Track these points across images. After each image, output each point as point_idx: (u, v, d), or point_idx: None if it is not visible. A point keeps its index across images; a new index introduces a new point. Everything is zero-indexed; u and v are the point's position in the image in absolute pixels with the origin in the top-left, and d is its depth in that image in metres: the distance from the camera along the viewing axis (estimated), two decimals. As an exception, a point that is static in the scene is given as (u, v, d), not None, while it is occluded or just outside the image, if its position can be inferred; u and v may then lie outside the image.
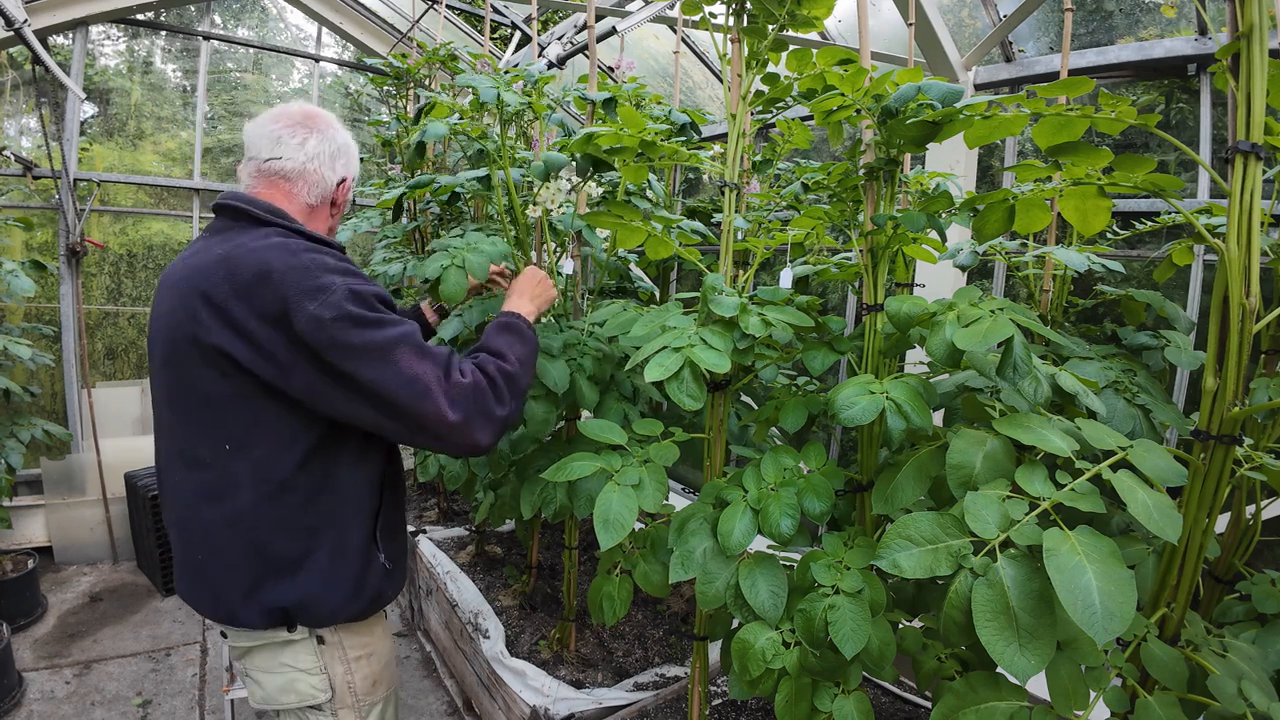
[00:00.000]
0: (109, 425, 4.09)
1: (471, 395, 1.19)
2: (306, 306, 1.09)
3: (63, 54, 3.96)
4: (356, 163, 1.41)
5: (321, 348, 1.10)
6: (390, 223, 3.42)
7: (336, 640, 1.30)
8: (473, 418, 1.18)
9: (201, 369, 1.15)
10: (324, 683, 1.29)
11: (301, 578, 1.21)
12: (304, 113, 1.32)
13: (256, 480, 1.17)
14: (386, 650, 1.41)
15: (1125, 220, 2.27)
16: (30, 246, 4.02)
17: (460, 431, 1.17)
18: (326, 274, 1.14)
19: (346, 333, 1.11)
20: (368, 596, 1.29)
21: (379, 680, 1.38)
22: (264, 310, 1.11)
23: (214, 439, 1.17)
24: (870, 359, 1.28)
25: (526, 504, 1.52)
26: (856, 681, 1.12)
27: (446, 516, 3.57)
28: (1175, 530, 0.84)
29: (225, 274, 1.13)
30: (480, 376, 1.23)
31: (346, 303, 1.12)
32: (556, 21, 5.64)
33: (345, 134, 1.38)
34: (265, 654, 1.28)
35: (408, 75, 3.21)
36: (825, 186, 1.41)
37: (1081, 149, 1.04)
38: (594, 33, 1.81)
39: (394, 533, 1.38)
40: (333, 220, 1.40)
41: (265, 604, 1.21)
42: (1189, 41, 2.35)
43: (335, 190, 1.35)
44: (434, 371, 1.16)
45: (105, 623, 3.29)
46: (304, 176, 1.30)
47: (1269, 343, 1.28)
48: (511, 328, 1.39)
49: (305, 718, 1.33)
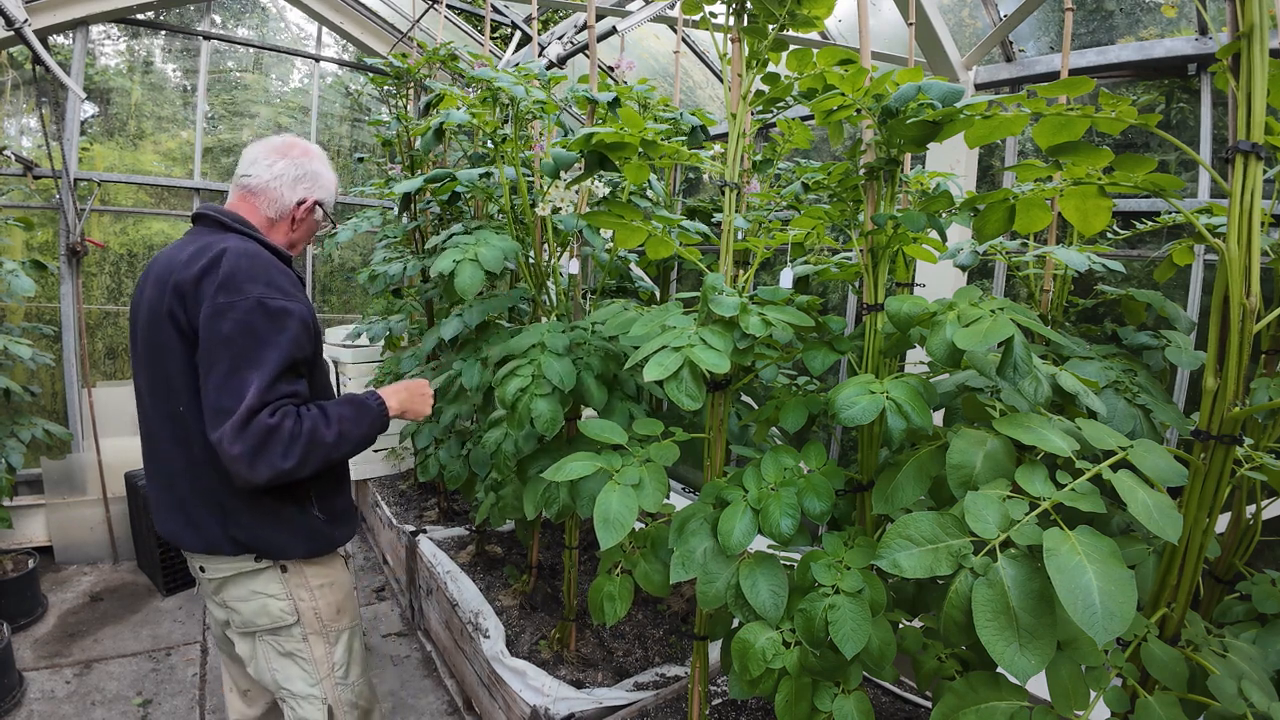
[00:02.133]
0: (109, 425, 4.09)
1: (262, 436, 1.28)
2: (218, 298, 1.31)
3: (63, 54, 3.96)
4: (326, 190, 1.60)
5: (205, 330, 1.31)
6: (396, 218, 3.42)
7: (298, 569, 1.52)
8: (251, 456, 1.27)
9: (168, 339, 1.38)
10: (290, 607, 1.51)
11: (246, 520, 1.43)
12: (285, 143, 1.56)
13: (203, 435, 1.36)
14: (347, 582, 1.64)
15: (1126, 220, 2.27)
16: (30, 246, 4.02)
17: (234, 461, 1.28)
18: (251, 282, 1.34)
19: (228, 325, 1.30)
20: (317, 541, 1.51)
21: (342, 609, 1.60)
22: (202, 294, 1.33)
23: (175, 395, 1.40)
24: (870, 359, 1.27)
25: (530, 504, 1.52)
26: (857, 681, 1.12)
27: (447, 516, 3.57)
28: (1175, 530, 0.84)
29: (186, 261, 1.38)
30: (288, 424, 1.32)
31: (249, 311, 1.31)
32: (557, 21, 5.64)
33: (320, 165, 1.59)
34: (239, 582, 1.50)
35: (408, 75, 3.21)
36: (825, 186, 1.41)
37: (1082, 149, 1.04)
38: (594, 32, 1.81)
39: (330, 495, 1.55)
40: (294, 234, 1.60)
41: (230, 535, 1.43)
42: (1189, 41, 2.35)
43: (294, 209, 1.56)
44: (255, 399, 1.28)
45: (106, 622, 3.29)
46: (265, 192, 1.52)
47: (1269, 343, 1.28)
48: (358, 403, 1.49)
49: (281, 647, 1.54)
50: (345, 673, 1.60)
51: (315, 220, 1.62)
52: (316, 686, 1.56)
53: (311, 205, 1.58)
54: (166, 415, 1.42)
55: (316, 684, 1.56)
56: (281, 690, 1.57)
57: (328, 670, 1.57)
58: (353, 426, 1.43)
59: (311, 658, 1.55)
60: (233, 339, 1.30)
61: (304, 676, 1.56)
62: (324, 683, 1.56)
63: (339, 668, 1.59)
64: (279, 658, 1.55)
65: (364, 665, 1.67)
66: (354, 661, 1.63)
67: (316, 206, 1.59)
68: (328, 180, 1.61)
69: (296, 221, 1.58)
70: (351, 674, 1.62)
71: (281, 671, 1.56)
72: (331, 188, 1.62)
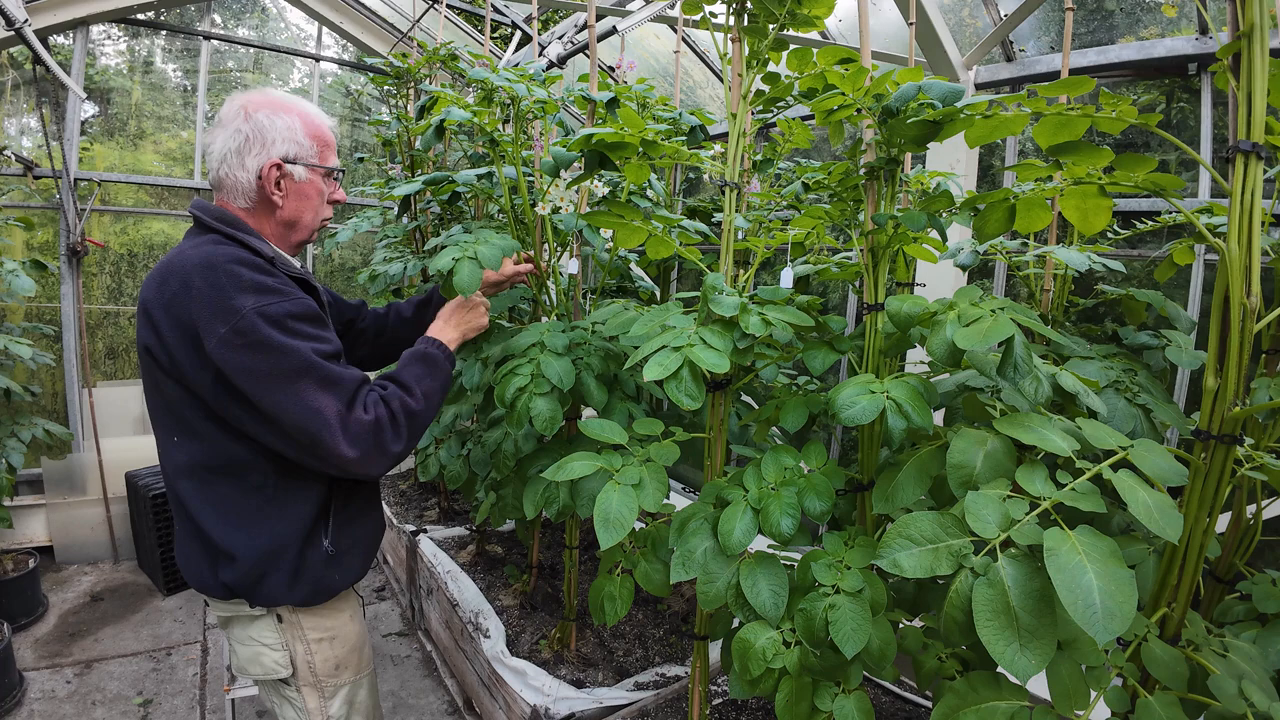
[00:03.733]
0: (110, 425, 4.09)
1: (370, 432, 1.21)
2: (217, 329, 1.12)
3: (63, 54, 3.96)
4: (285, 140, 1.27)
5: (229, 371, 1.13)
6: (396, 218, 3.42)
7: (295, 620, 1.34)
8: (368, 454, 1.21)
9: (148, 367, 1.23)
10: (285, 659, 1.35)
11: (238, 563, 1.24)
12: (223, 112, 1.27)
13: (194, 467, 1.24)
14: (353, 634, 1.44)
15: (1126, 220, 2.27)
16: (31, 246, 4.02)
17: (354, 465, 1.20)
18: (240, 294, 1.14)
19: (252, 358, 1.13)
20: (308, 586, 1.31)
21: (343, 664, 1.41)
22: (180, 322, 1.15)
23: (165, 427, 1.27)
24: (871, 358, 1.27)
25: (529, 504, 1.52)
26: (857, 681, 1.12)
27: (447, 516, 3.57)
28: (1176, 530, 0.84)
29: (158, 283, 1.19)
30: (383, 411, 1.24)
31: (254, 328, 1.13)
32: (557, 21, 5.64)
33: (266, 115, 1.25)
34: (238, 625, 1.36)
35: (408, 75, 3.21)
36: (826, 186, 1.41)
37: (1082, 148, 1.04)
38: (594, 32, 1.81)
39: (352, 519, 1.39)
40: (285, 209, 1.30)
41: (221, 579, 1.26)
42: (1190, 41, 2.35)
43: (258, 182, 1.26)
44: (335, 406, 1.18)
45: (106, 622, 3.29)
46: (223, 185, 1.28)
47: (1270, 342, 1.28)
48: (426, 358, 1.40)
49: (278, 690, 1.40)
50: None
51: (303, 182, 1.30)
52: None
53: (273, 170, 1.26)
54: (163, 446, 1.29)
55: None
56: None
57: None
58: (431, 382, 1.36)
59: (304, 708, 1.40)
60: (259, 367, 1.13)
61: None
62: None
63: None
64: (276, 696, 1.44)
65: (369, 715, 1.50)
66: (355, 713, 1.46)
67: (283, 166, 1.27)
68: (283, 128, 1.26)
69: (276, 198, 1.28)
70: None
71: (279, 710, 1.45)
72: (292, 133, 1.27)
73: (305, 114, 1.31)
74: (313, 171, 1.32)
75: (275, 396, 1.14)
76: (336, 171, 1.38)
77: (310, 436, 1.16)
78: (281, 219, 1.32)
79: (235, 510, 1.25)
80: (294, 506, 1.28)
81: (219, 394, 1.17)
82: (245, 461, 1.24)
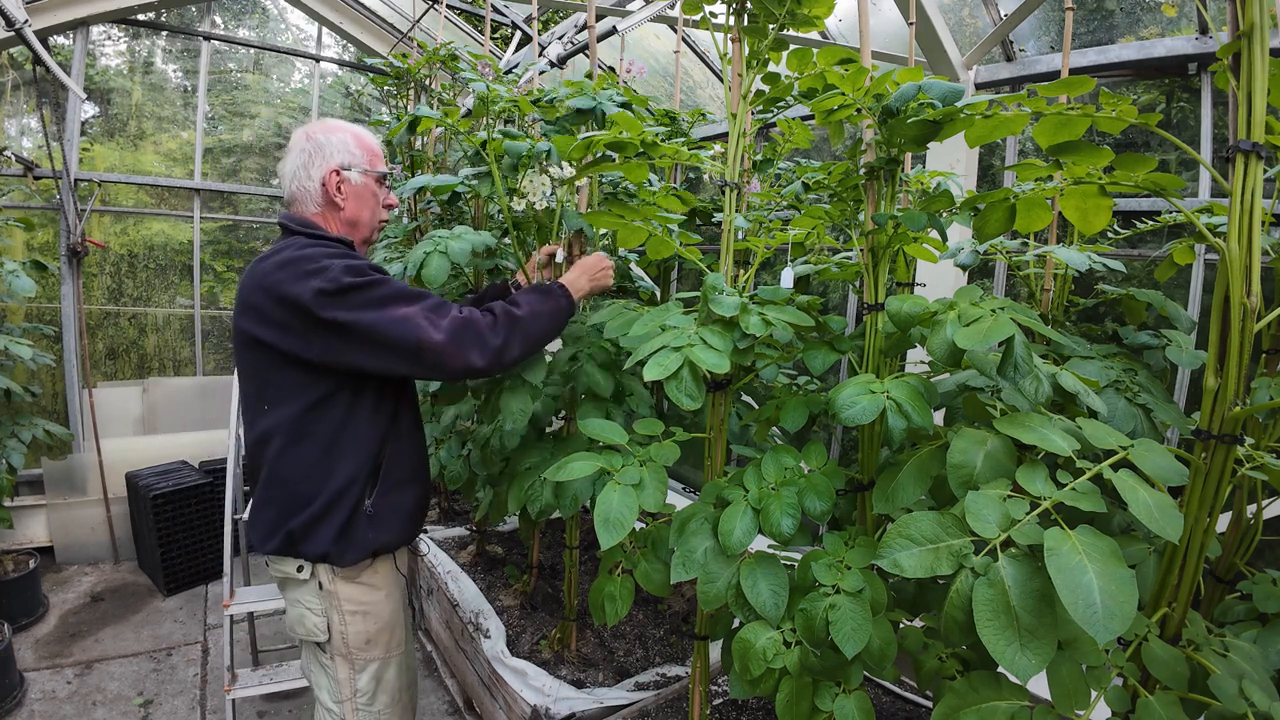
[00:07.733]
0: (110, 425, 4.10)
1: (460, 323, 1.36)
2: (311, 283, 1.32)
3: (63, 54, 3.96)
4: (339, 151, 1.51)
5: (327, 310, 1.32)
6: (397, 218, 3.42)
7: (334, 590, 1.49)
8: (460, 339, 1.35)
9: (242, 349, 1.46)
10: (324, 624, 1.50)
11: (305, 513, 1.43)
12: (290, 144, 1.54)
13: (281, 431, 1.42)
14: (386, 613, 1.56)
15: (1126, 219, 2.27)
16: (31, 246, 4.02)
17: (447, 352, 1.34)
18: (326, 259, 1.37)
19: (345, 294, 1.32)
20: (355, 541, 1.46)
21: (374, 640, 1.54)
22: (284, 298, 1.34)
23: (258, 399, 1.45)
24: (871, 358, 1.27)
25: (514, 500, 1.55)
26: (857, 681, 1.12)
27: (447, 516, 3.57)
28: (1176, 530, 0.84)
29: (258, 275, 1.40)
30: (476, 313, 1.40)
31: (342, 275, 1.33)
32: (557, 21, 5.64)
33: (322, 134, 1.52)
34: (289, 587, 1.52)
35: (408, 75, 3.21)
36: (826, 186, 1.41)
37: (1082, 148, 1.04)
38: (594, 32, 1.81)
39: (397, 484, 1.53)
40: (347, 209, 1.53)
41: (288, 527, 1.43)
42: (1190, 40, 2.35)
43: (323, 188, 1.51)
44: (420, 310, 1.35)
45: (106, 622, 3.29)
46: (297, 197, 1.53)
47: (1270, 342, 1.28)
48: (543, 289, 1.54)
49: (316, 656, 1.54)
50: (370, 700, 1.55)
51: (359, 185, 1.53)
52: (338, 705, 1.53)
53: (333, 176, 1.50)
54: (252, 419, 1.48)
55: (338, 703, 1.53)
56: (313, 692, 1.58)
57: (350, 693, 1.53)
58: (541, 305, 1.48)
59: (336, 677, 1.52)
60: (354, 300, 1.32)
61: (329, 690, 1.54)
62: (345, 704, 1.53)
63: (362, 695, 1.54)
64: (314, 662, 1.56)
65: (395, 695, 1.59)
66: (382, 691, 1.56)
67: (341, 172, 1.51)
68: (338, 142, 1.51)
69: (339, 200, 1.51)
70: (378, 702, 1.56)
71: (314, 677, 1.57)
72: (345, 145, 1.52)
73: (355, 131, 1.57)
74: (366, 176, 1.55)
75: (369, 316, 1.32)
76: (387, 178, 1.61)
77: (404, 337, 1.32)
78: (345, 219, 1.55)
79: (309, 468, 1.43)
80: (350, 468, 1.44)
81: (325, 338, 1.34)
82: (322, 417, 1.42)
